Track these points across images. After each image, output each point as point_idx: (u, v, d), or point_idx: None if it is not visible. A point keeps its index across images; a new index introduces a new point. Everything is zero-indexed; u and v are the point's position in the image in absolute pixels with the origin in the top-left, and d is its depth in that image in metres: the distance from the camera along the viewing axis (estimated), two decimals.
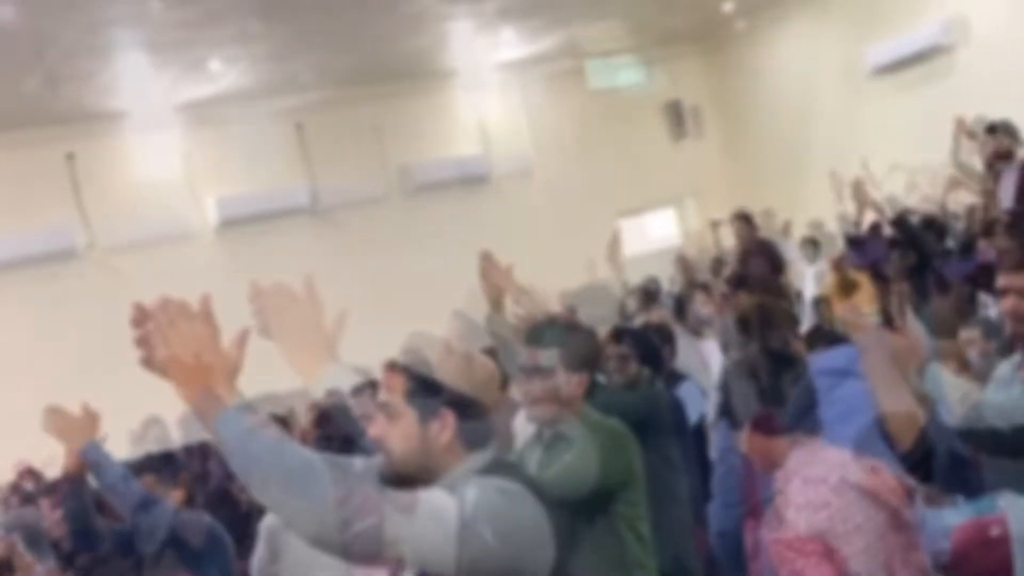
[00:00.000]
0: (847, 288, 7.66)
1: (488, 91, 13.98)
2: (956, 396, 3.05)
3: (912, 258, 6.88)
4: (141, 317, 1.87)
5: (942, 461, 2.41)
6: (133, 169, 12.02)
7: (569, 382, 3.05)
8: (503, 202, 13.69)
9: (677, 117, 15.03)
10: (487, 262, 4.08)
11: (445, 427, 2.09)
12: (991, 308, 6.50)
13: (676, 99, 15.02)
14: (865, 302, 7.65)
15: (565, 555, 2.04)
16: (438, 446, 2.08)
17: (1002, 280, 2.76)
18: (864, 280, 7.05)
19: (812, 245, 10.24)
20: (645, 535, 3.08)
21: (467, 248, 11.97)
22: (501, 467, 2.09)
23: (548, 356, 3.06)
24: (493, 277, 4.05)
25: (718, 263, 10.47)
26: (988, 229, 6.33)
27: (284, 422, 6.48)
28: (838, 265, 7.18)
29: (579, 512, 2.86)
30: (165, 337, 1.83)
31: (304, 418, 7.32)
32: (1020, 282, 2.70)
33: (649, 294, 9.23)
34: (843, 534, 2.47)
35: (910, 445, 2.43)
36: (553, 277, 12.69)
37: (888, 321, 2.96)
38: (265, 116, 12.36)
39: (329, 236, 12.67)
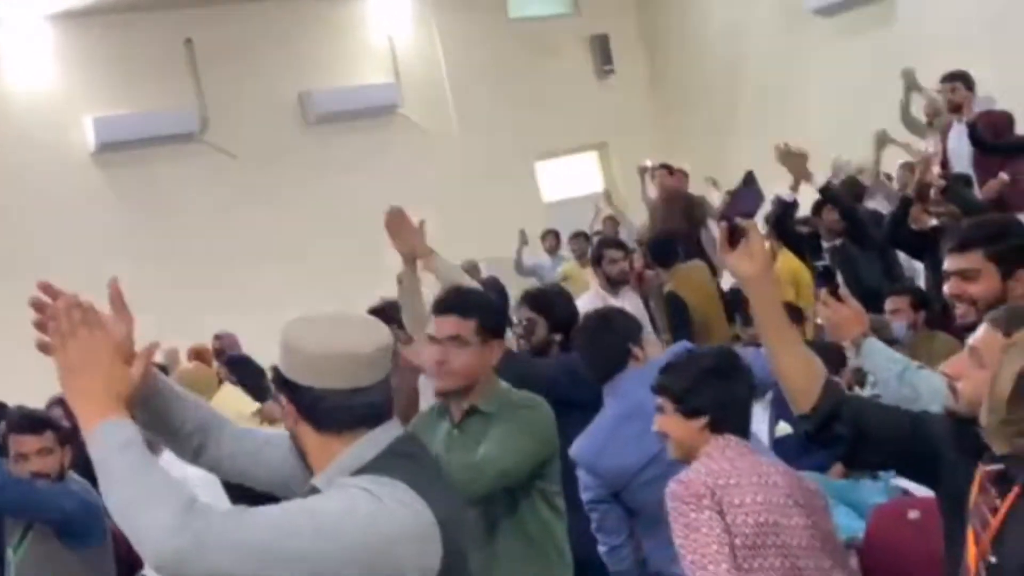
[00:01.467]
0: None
1: (400, 15, 13.46)
2: (894, 371, 2.96)
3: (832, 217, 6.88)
4: (41, 305, 1.90)
5: (846, 430, 2.40)
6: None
7: (480, 353, 3.01)
8: (414, 136, 13.24)
9: (604, 53, 14.63)
10: (395, 218, 3.89)
11: (287, 415, 1.95)
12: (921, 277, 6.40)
13: (603, 33, 14.61)
14: (783, 272, 7.49)
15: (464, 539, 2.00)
16: (304, 439, 1.95)
17: (946, 262, 2.88)
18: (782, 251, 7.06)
19: None
20: (561, 508, 3.08)
21: (374, 184, 11.65)
22: (395, 457, 1.91)
23: (464, 326, 3.00)
24: (403, 234, 3.89)
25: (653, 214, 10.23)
26: (922, 195, 6.24)
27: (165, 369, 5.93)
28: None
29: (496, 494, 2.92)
30: (63, 341, 1.85)
31: None
32: (961, 264, 2.83)
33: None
34: (736, 490, 2.65)
35: (810, 407, 2.42)
36: (466, 219, 12.41)
37: (833, 292, 3.13)
38: (150, 29, 11.73)
39: (220, 166, 12.09)
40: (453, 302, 3.11)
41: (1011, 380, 1.78)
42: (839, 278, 6.48)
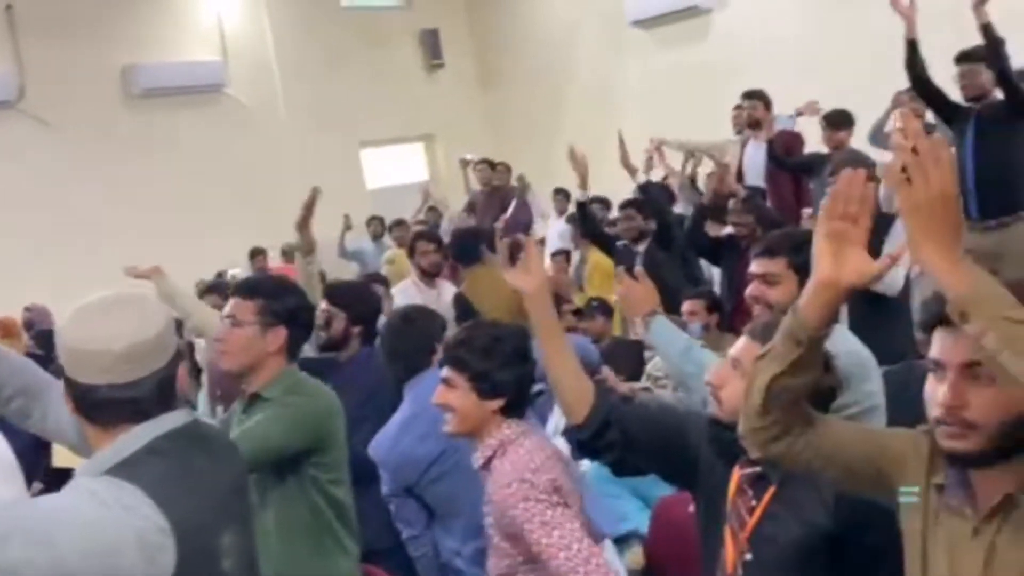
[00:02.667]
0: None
1: None
2: (679, 348, 3.10)
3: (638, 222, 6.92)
4: None
5: (617, 437, 2.44)
6: None
7: (258, 336, 2.96)
8: (239, 115, 12.87)
9: (433, 47, 14.57)
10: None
11: (68, 403, 1.87)
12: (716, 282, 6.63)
13: (434, 28, 14.55)
14: (595, 270, 7.67)
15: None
16: (83, 429, 1.88)
17: (752, 266, 2.97)
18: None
19: (563, 196, 10.04)
20: (341, 499, 3.02)
21: (196, 161, 11.28)
22: (150, 455, 1.82)
23: (243, 308, 2.98)
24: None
25: (471, 207, 10.36)
26: (719, 206, 6.46)
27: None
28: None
29: (267, 473, 2.88)
30: None
31: None
32: (765, 269, 2.91)
33: None
34: (559, 478, 2.60)
35: (584, 416, 2.46)
36: (288, 201, 12.18)
37: (629, 270, 3.31)
38: None
39: (37, 137, 11.44)
40: (242, 284, 3.13)
41: (762, 391, 1.83)
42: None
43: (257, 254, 11.03)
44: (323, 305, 3.98)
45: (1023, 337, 1.51)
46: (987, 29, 5.58)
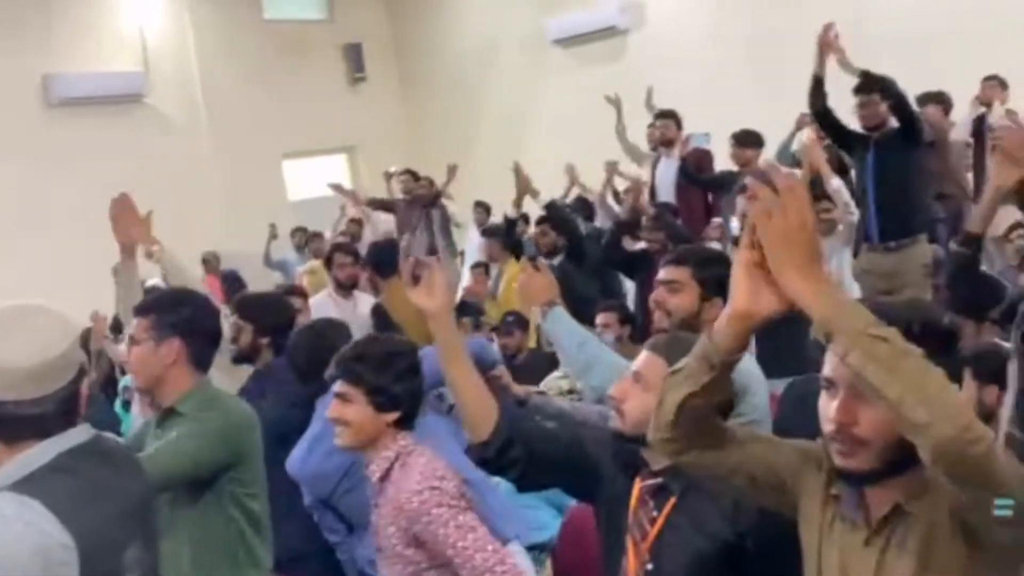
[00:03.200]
0: None
1: (153, 5, 12.85)
2: (576, 340, 3.14)
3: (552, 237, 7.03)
4: None
5: (521, 453, 2.44)
6: None
7: (153, 351, 2.90)
8: (161, 126, 12.66)
9: (356, 61, 14.51)
10: (120, 206, 3.79)
11: None
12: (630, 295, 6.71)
13: (357, 42, 14.48)
14: (512, 282, 7.70)
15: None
16: None
17: (659, 273, 3.03)
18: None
19: (484, 209, 10.05)
20: (257, 514, 2.98)
21: (117, 171, 11.07)
22: (52, 472, 1.79)
23: (139, 325, 2.93)
24: (125, 223, 3.78)
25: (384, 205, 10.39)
26: (636, 221, 6.54)
27: None
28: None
29: (182, 487, 2.83)
30: None
31: None
32: (670, 276, 2.97)
33: None
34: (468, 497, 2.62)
35: (488, 433, 2.46)
36: (210, 212, 12.02)
37: (532, 260, 3.40)
38: None
39: None
40: (139, 303, 3.08)
41: (674, 407, 1.85)
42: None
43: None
44: (232, 318, 3.91)
45: (883, 352, 1.55)
46: (866, 76, 5.84)
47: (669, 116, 7.92)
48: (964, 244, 3.96)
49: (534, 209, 7.66)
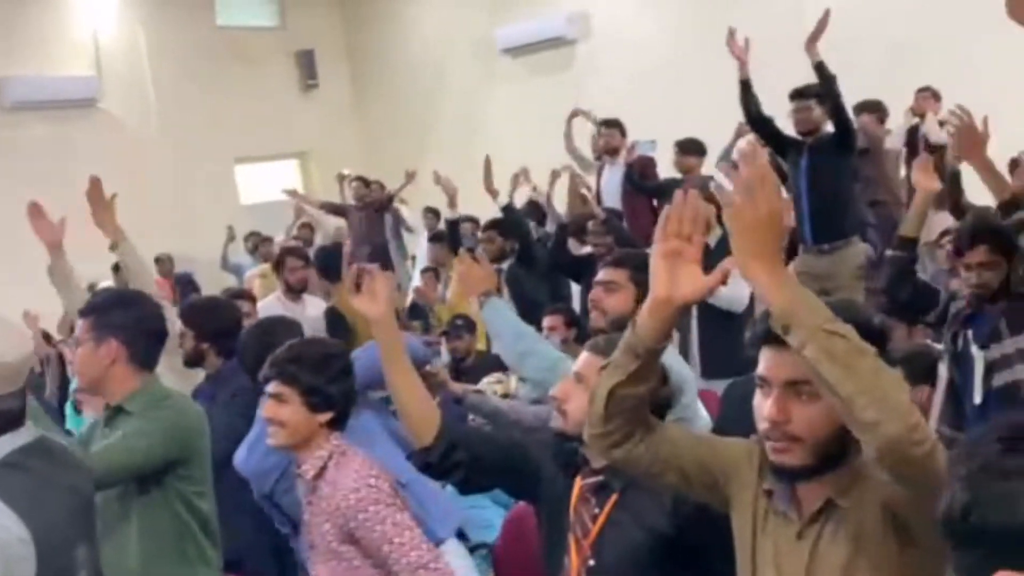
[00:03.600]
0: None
1: (105, 10, 12.66)
2: (512, 330, 3.17)
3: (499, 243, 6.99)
4: None
5: (464, 456, 2.44)
6: None
7: (93, 351, 2.90)
8: (113, 130, 12.45)
9: (309, 68, 14.41)
10: (33, 210, 3.90)
11: None
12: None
13: (309, 49, 14.38)
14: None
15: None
16: None
17: (599, 274, 3.06)
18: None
19: (434, 215, 10.04)
20: (205, 512, 3.00)
21: (68, 175, 10.86)
22: (3, 468, 1.79)
23: (82, 327, 2.94)
24: (42, 225, 3.87)
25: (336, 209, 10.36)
26: (579, 225, 6.59)
27: None
28: None
29: (131, 483, 2.83)
30: None
31: None
32: (608, 277, 3.02)
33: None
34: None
35: (432, 438, 2.44)
36: (161, 216, 11.85)
37: (470, 251, 3.42)
38: None
39: None
40: (83, 305, 3.07)
41: (603, 399, 1.86)
42: (507, 295, 6.67)
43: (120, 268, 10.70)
44: (178, 324, 3.89)
45: (840, 349, 1.57)
46: (820, 68, 5.82)
47: (614, 125, 7.97)
48: (899, 248, 4.04)
49: (490, 211, 7.65)
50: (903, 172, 7.28)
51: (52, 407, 6.02)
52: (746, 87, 6.15)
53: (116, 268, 10.01)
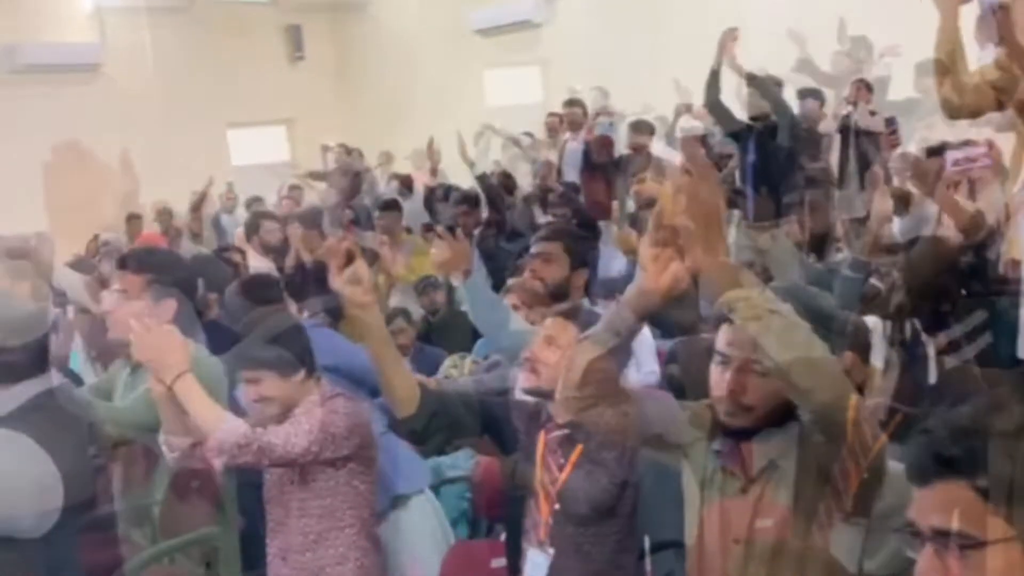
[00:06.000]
0: None
1: None
2: (487, 301, 3.06)
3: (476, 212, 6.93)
4: None
5: (446, 422, 2.43)
6: None
7: (154, 310, 2.80)
8: (113, 95, 12.16)
9: (296, 41, 14.26)
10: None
11: None
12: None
13: (297, 24, 14.22)
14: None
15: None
16: None
17: (532, 247, 3.01)
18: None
19: (400, 181, 9.94)
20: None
21: (72, 138, 10.60)
22: (31, 411, 1.81)
23: (133, 282, 2.87)
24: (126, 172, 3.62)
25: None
26: (543, 198, 6.58)
27: None
28: None
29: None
30: None
31: None
32: (544, 249, 2.98)
33: None
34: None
35: (415, 407, 2.40)
36: (157, 175, 11.66)
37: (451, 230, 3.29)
38: None
39: None
40: (130, 257, 2.97)
41: (581, 369, 1.87)
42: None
43: (134, 218, 10.53)
44: None
45: (777, 325, 1.62)
46: (751, 78, 5.97)
47: (576, 104, 7.96)
48: (853, 268, 3.85)
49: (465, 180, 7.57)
50: (836, 154, 7.35)
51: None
52: (714, 76, 6.18)
53: (161, 212, 9.96)
